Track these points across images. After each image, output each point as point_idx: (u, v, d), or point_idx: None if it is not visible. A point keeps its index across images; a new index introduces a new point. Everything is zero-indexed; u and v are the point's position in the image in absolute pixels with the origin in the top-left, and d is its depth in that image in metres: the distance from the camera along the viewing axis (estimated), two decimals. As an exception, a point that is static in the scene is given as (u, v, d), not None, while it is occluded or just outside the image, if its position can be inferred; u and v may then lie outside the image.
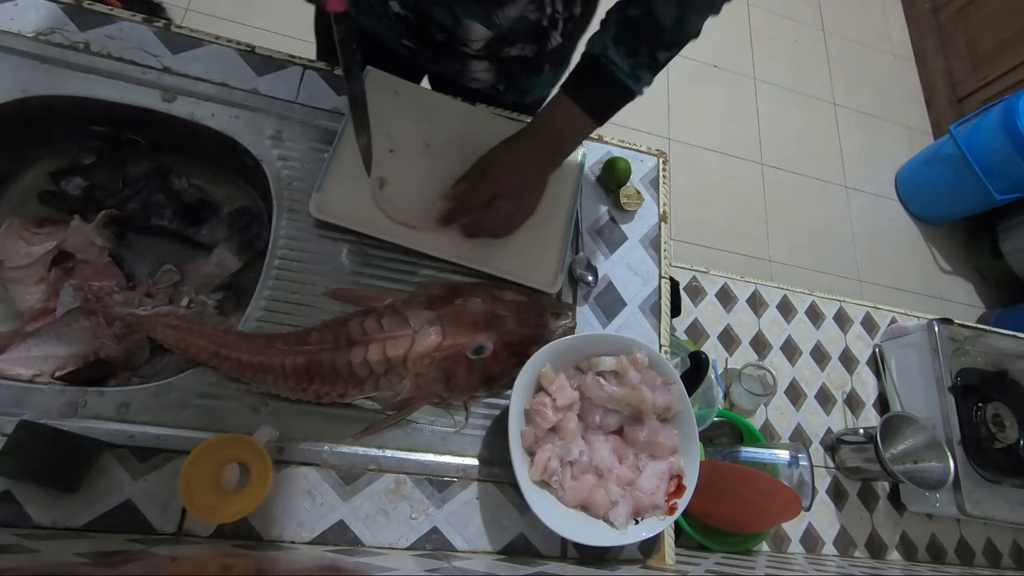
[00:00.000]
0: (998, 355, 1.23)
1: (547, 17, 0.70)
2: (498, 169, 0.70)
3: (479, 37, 0.72)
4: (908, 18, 2.92)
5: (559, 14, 0.70)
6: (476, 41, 0.73)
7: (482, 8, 0.67)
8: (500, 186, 0.70)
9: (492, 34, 0.72)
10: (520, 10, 0.67)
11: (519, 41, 0.74)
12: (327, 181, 0.71)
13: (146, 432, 0.58)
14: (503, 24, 0.69)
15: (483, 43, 0.74)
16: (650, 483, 0.66)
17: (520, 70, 0.82)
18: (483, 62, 0.78)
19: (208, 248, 0.76)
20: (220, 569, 0.51)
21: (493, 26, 0.70)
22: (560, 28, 0.74)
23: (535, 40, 0.75)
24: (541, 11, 0.69)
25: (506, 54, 0.76)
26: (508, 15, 0.68)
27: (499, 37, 0.73)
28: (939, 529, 1.17)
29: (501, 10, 0.67)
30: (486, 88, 0.85)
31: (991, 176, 2.05)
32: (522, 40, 0.74)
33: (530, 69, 0.82)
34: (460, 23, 0.71)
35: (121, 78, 0.71)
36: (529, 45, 0.75)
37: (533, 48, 0.76)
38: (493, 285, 0.73)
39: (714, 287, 1.25)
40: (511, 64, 0.79)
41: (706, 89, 2.39)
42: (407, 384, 0.64)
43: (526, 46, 0.75)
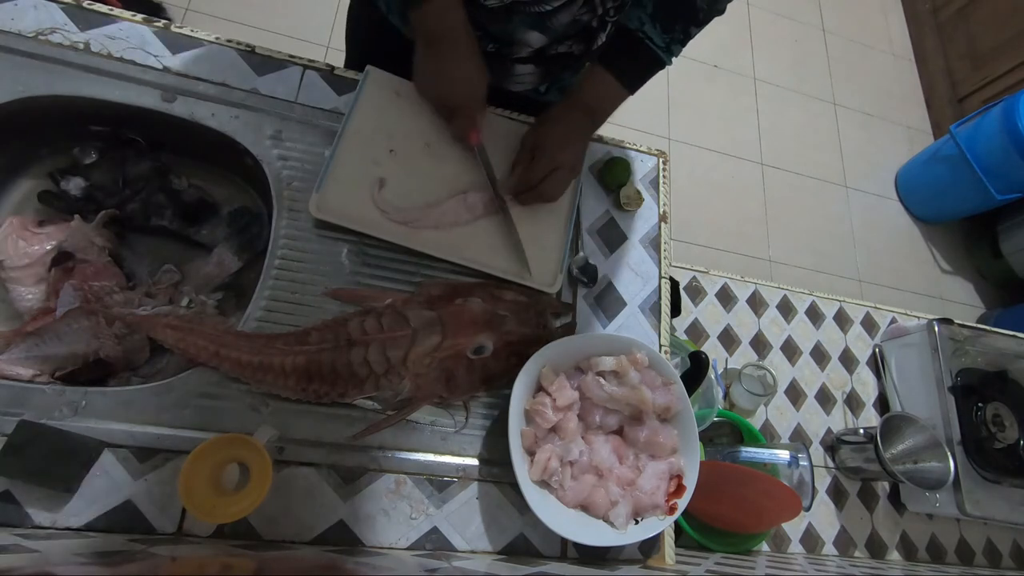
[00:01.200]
0: (998, 355, 1.23)
1: (597, 18, 0.72)
2: (549, 146, 0.74)
3: (533, 43, 0.75)
4: (908, 18, 2.92)
5: (609, 17, 0.73)
6: (528, 47, 0.75)
7: (539, 16, 0.69)
8: (557, 160, 0.74)
9: (546, 39, 0.74)
10: (572, 15, 0.69)
11: (568, 39, 0.76)
12: (327, 181, 0.71)
13: (146, 432, 0.58)
14: (556, 28, 0.71)
15: (534, 48, 0.76)
16: (650, 483, 0.66)
17: (564, 69, 0.83)
18: (528, 65, 0.80)
19: (208, 248, 0.76)
20: (220, 569, 0.51)
21: (547, 31, 0.72)
22: (607, 29, 0.76)
23: (583, 40, 0.77)
24: (592, 12, 0.71)
25: (554, 51, 0.78)
26: (561, 20, 0.70)
27: (550, 40, 0.75)
28: (939, 529, 1.17)
29: (555, 16, 0.69)
30: (527, 90, 0.86)
31: (991, 176, 2.05)
32: (571, 39, 0.76)
33: (573, 67, 0.84)
34: (515, 33, 0.72)
35: (121, 78, 0.71)
36: (577, 44, 0.77)
37: (580, 47, 0.78)
38: (493, 285, 0.73)
39: (714, 287, 1.25)
40: (556, 63, 0.81)
41: (706, 89, 2.39)
42: (407, 384, 0.64)
43: (574, 44, 0.77)
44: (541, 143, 0.75)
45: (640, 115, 2.21)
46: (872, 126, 2.59)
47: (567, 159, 0.74)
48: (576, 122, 0.76)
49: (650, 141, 0.94)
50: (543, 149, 0.74)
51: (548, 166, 0.73)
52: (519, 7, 0.67)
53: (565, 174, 0.75)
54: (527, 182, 0.75)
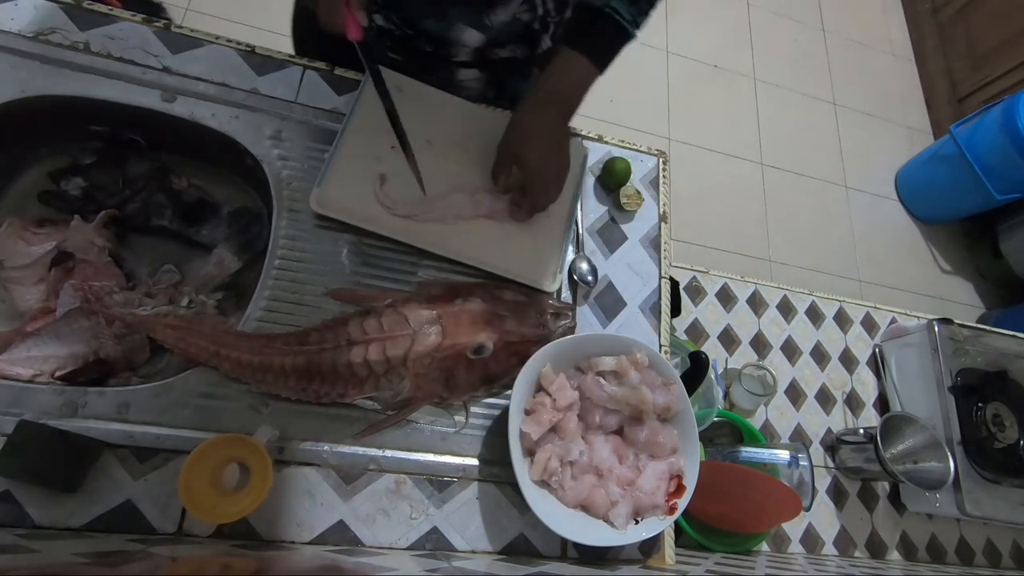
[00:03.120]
0: (998, 355, 1.23)
1: (539, 19, 0.71)
2: (534, 163, 0.70)
3: (470, 43, 0.73)
4: (908, 18, 2.92)
5: (551, 17, 0.71)
6: (466, 47, 0.74)
7: (474, 11, 0.67)
8: (545, 176, 0.71)
9: (484, 38, 0.72)
10: (512, 13, 0.68)
11: (510, 43, 0.74)
12: (328, 176, 0.71)
13: (146, 432, 0.58)
14: (495, 27, 0.70)
15: (473, 49, 0.74)
16: (650, 483, 0.66)
17: (509, 75, 0.82)
18: (472, 70, 0.79)
19: (208, 248, 0.76)
20: (220, 569, 0.51)
21: (485, 29, 0.70)
22: (551, 31, 0.75)
23: (526, 43, 0.75)
24: (533, 12, 0.69)
25: (496, 56, 0.76)
26: (499, 18, 0.68)
27: (490, 41, 0.73)
28: (939, 529, 1.17)
29: (493, 12, 0.68)
30: (475, 97, 0.84)
31: (991, 176, 2.05)
32: (513, 42, 0.74)
33: (519, 73, 0.82)
34: (451, 30, 0.71)
35: (121, 78, 0.71)
36: (520, 47, 0.76)
37: (524, 51, 0.76)
38: (493, 285, 0.73)
39: (714, 287, 1.25)
40: (500, 68, 0.79)
41: (706, 89, 2.39)
42: (407, 384, 0.64)
43: (517, 48, 0.75)
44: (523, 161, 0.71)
45: (640, 115, 2.21)
46: (872, 126, 2.59)
47: (556, 168, 0.72)
48: (554, 124, 0.72)
49: (650, 141, 0.94)
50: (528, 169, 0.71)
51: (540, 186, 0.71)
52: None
53: (558, 183, 0.73)
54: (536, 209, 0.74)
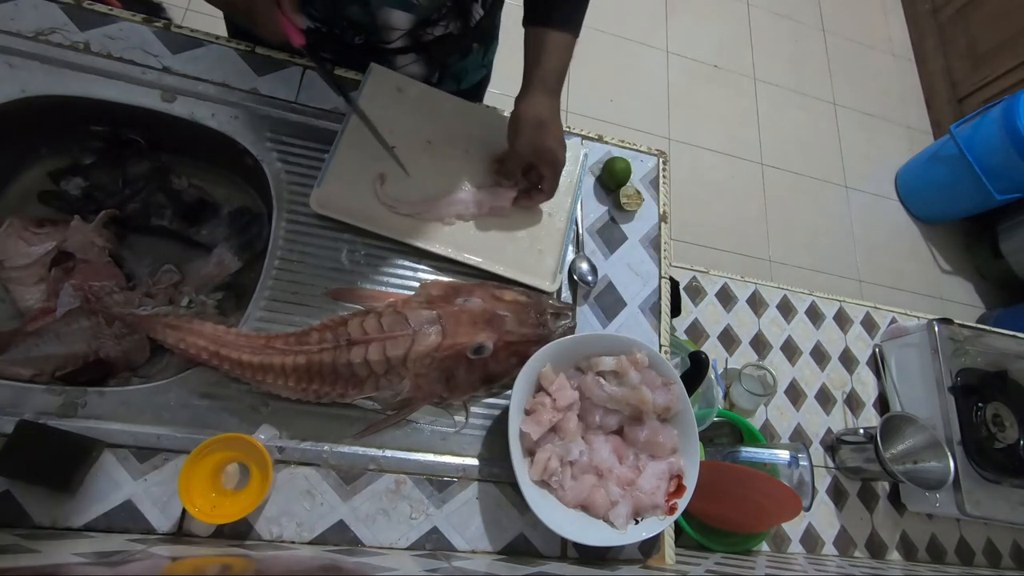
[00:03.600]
0: (998, 355, 1.22)
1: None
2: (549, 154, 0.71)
3: (400, 25, 0.72)
4: (908, 18, 2.92)
5: None
6: (397, 30, 0.72)
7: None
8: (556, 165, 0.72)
9: (413, 17, 0.71)
10: None
11: (441, 20, 0.74)
12: (328, 176, 0.71)
13: (146, 432, 0.58)
14: (422, 3, 0.68)
15: (404, 31, 0.73)
16: (650, 483, 0.66)
17: (448, 52, 0.81)
18: (409, 55, 0.77)
19: (208, 248, 0.76)
20: (220, 569, 0.51)
21: (411, 8, 0.69)
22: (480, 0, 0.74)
23: (457, 16, 0.74)
24: None
25: (430, 36, 0.75)
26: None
27: (420, 20, 0.72)
28: (939, 529, 1.17)
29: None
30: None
31: (991, 176, 2.05)
32: (444, 18, 0.74)
33: (458, 49, 0.81)
34: (377, 16, 0.70)
35: (121, 78, 0.71)
36: (453, 21, 0.75)
37: (457, 24, 0.75)
38: (493, 285, 0.73)
39: (714, 287, 1.25)
40: (438, 48, 0.78)
41: (706, 89, 2.39)
42: (407, 384, 0.64)
43: (449, 23, 0.75)
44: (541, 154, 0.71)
45: (640, 115, 2.21)
46: (872, 126, 2.59)
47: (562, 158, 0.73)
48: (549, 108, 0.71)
49: (650, 141, 0.94)
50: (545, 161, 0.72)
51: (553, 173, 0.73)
52: None
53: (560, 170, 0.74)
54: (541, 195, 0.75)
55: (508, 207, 0.76)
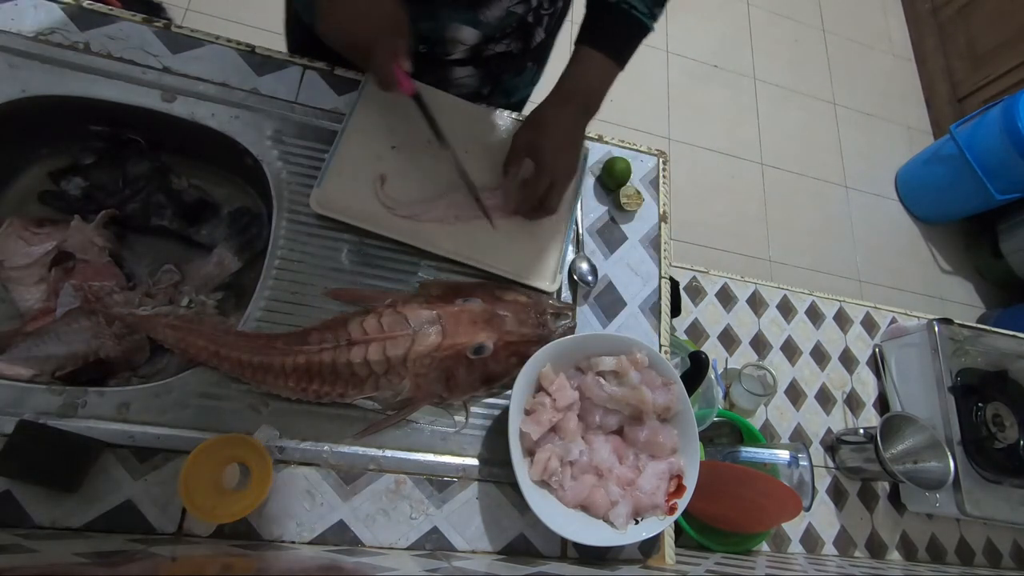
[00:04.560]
0: (998, 355, 1.23)
1: (532, 12, 0.71)
2: (547, 156, 0.70)
3: (466, 40, 0.72)
4: (908, 18, 2.92)
5: (544, 9, 0.71)
6: (462, 45, 0.73)
7: (467, 9, 0.67)
8: (555, 172, 0.71)
9: (480, 34, 0.71)
10: (505, 7, 0.68)
11: (504, 38, 0.74)
12: (328, 176, 0.71)
13: (146, 432, 0.58)
14: (489, 22, 0.69)
15: (469, 46, 0.74)
16: (650, 483, 0.66)
17: (504, 70, 0.82)
18: (467, 67, 0.78)
19: (208, 248, 0.76)
20: (220, 569, 0.51)
21: (480, 25, 0.70)
22: (544, 24, 0.75)
23: (520, 36, 0.75)
24: (527, 4, 0.69)
25: (491, 52, 0.76)
26: (493, 13, 0.68)
27: (485, 37, 0.73)
28: (939, 529, 1.17)
29: (487, 8, 0.67)
30: (469, 94, 0.84)
31: (991, 176, 2.05)
32: (507, 37, 0.74)
33: (513, 67, 0.82)
34: (446, 29, 0.70)
35: (121, 78, 0.71)
36: (514, 41, 0.75)
37: (519, 44, 0.76)
38: (493, 285, 0.73)
39: (714, 287, 1.25)
40: (495, 64, 0.79)
41: (706, 89, 2.39)
42: (407, 384, 0.64)
43: (512, 42, 0.75)
44: (536, 151, 0.71)
45: (640, 115, 2.21)
46: (872, 126, 2.59)
47: (565, 168, 0.72)
48: (570, 121, 0.72)
49: (650, 141, 0.94)
50: (539, 159, 0.70)
51: (548, 178, 0.71)
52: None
53: (565, 184, 0.73)
54: (531, 201, 0.73)
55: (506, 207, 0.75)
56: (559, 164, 0.71)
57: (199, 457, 0.55)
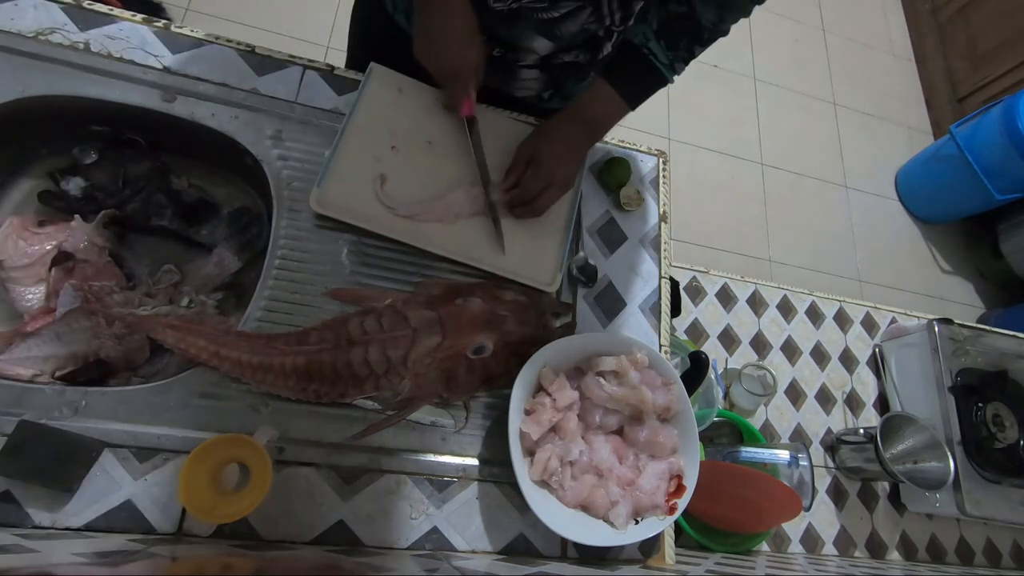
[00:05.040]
0: (998, 355, 1.22)
1: (604, 28, 0.72)
2: (546, 161, 0.74)
3: (539, 50, 0.75)
4: (908, 18, 2.92)
5: (615, 26, 0.72)
6: (534, 54, 0.76)
7: (546, 23, 0.69)
8: (551, 177, 0.74)
9: (553, 46, 0.74)
10: (581, 23, 0.69)
11: (574, 49, 0.76)
12: (328, 176, 0.71)
13: (146, 432, 0.58)
14: (564, 36, 0.71)
15: (540, 55, 0.76)
16: (650, 483, 0.66)
17: (568, 77, 0.83)
18: (533, 71, 0.80)
19: (208, 248, 0.76)
20: (220, 569, 0.51)
21: (555, 38, 0.72)
22: (613, 39, 0.76)
23: (589, 49, 0.77)
24: (600, 22, 0.70)
25: (560, 60, 0.78)
26: (568, 28, 0.70)
27: (557, 48, 0.75)
28: (939, 529, 1.17)
29: (562, 24, 0.69)
30: (532, 96, 0.86)
31: (991, 176, 2.05)
32: (577, 48, 0.76)
33: (577, 75, 0.84)
34: (521, 38, 0.72)
35: (121, 78, 0.71)
36: (583, 53, 0.77)
37: (587, 56, 0.78)
38: (493, 285, 0.73)
39: (714, 287, 1.25)
40: (560, 71, 0.81)
41: (706, 89, 2.39)
42: (407, 384, 0.64)
43: (580, 53, 0.77)
44: (538, 157, 0.74)
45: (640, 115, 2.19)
46: (872, 126, 2.59)
47: (562, 176, 0.74)
48: (575, 137, 0.76)
49: (650, 141, 0.95)
50: (539, 163, 0.74)
51: (543, 182, 0.73)
52: (525, 12, 0.67)
53: (557, 191, 0.75)
54: (522, 197, 0.74)
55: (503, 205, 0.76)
56: (557, 171, 0.74)
57: (199, 457, 0.55)
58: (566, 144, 0.75)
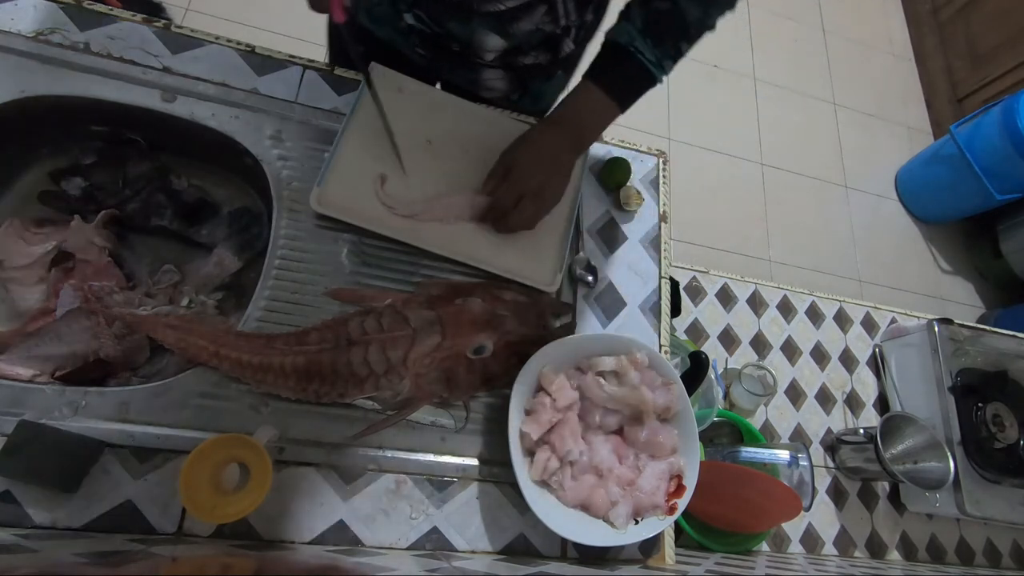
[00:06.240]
0: (998, 355, 1.22)
1: (560, 27, 0.71)
2: (521, 170, 0.70)
3: (494, 48, 0.73)
4: (908, 18, 2.92)
5: (572, 23, 0.71)
6: (491, 52, 0.74)
7: (497, 20, 0.68)
8: (524, 187, 0.69)
9: (507, 44, 0.72)
10: (535, 23, 0.68)
11: (533, 50, 0.75)
12: (328, 176, 0.71)
13: (146, 432, 0.58)
14: (517, 35, 0.70)
15: (497, 53, 0.75)
16: (650, 483, 0.66)
17: (533, 77, 0.82)
18: (497, 71, 0.79)
19: (208, 248, 0.76)
20: (220, 569, 0.51)
21: (508, 37, 0.70)
22: (573, 35, 0.75)
23: (548, 48, 0.75)
24: (555, 23, 0.69)
25: (520, 63, 0.76)
26: (522, 28, 0.69)
27: (513, 47, 0.74)
28: (939, 529, 1.17)
29: (516, 23, 0.68)
30: (499, 97, 0.85)
31: (991, 176, 2.05)
32: (535, 49, 0.75)
33: (543, 74, 0.82)
34: (475, 35, 0.71)
35: (121, 78, 0.71)
36: (543, 53, 0.76)
37: (547, 56, 0.77)
38: (493, 285, 0.73)
39: (714, 287, 1.25)
40: (525, 72, 0.80)
41: (706, 89, 2.39)
42: (407, 384, 0.64)
43: (540, 54, 0.76)
44: (514, 165, 0.70)
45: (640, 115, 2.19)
46: (872, 126, 2.59)
47: (534, 187, 0.69)
48: (556, 144, 0.70)
49: (650, 141, 0.94)
50: (512, 173, 0.70)
51: (515, 192, 0.69)
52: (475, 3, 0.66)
53: (529, 205, 0.70)
54: (494, 208, 0.71)
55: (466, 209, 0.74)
56: (530, 182, 0.69)
57: (199, 457, 0.55)
58: (545, 152, 0.70)
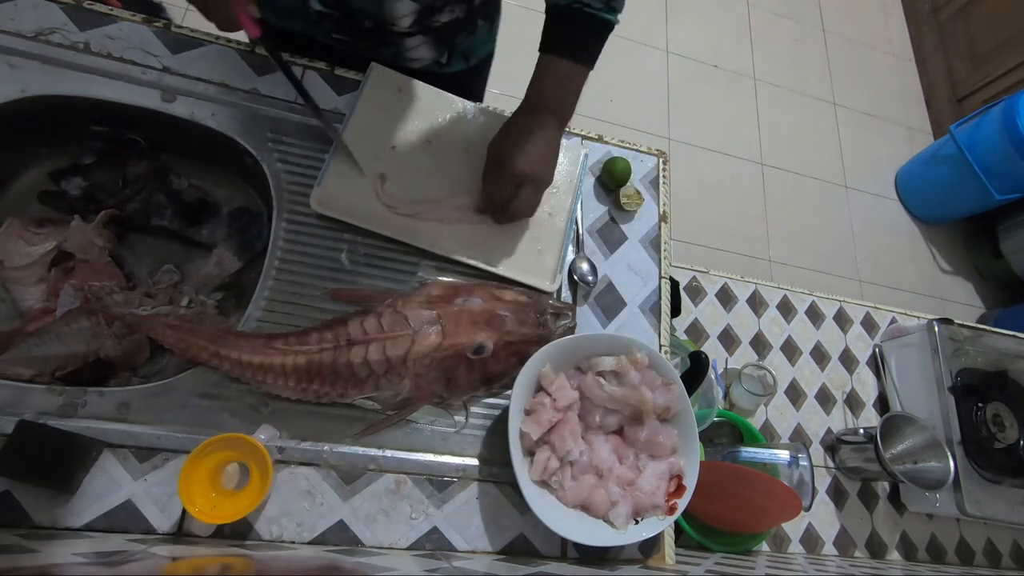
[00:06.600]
0: (998, 355, 1.22)
1: None
2: (512, 160, 0.69)
3: (406, 12, 0.72)
4: (908, 18, 2.92)
5: None
6: (405, 17, 0.73)
7: None
8: (520, 177, 0.70)
9: (418, 6, 0.71)
10: None
11: (446, 6, 0.74)
12: (328, 176, 0.71)
13: (146, 432, 0.58)
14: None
15: (412, 18, 0.74)
16: (650, 483, 0.66)
17: (456, 34, 0.81)
18: (417, 37, 0.78)
19: (208, 248, 0.76)
20: (220, 569, 0.51)
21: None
22: None
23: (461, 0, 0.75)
24: None
25: (437, 22, 0.75)
26: None
27: (427, 8, 0.73)
28: (939, 529, 1.17)
29: None
30: (429, 65, 0.83)
31: (991, 176, 2.05)
32: (448, 4, 0.74)
33: (464, 30, 0.81)
34: (383, 6, 0.70)
35: (121, 78, 0.71)
36: (457, 5, 0.75)
37: (462, 7, 0.76)
38: (493, 285, 0.73)
39: (714, 287, 1.25)
40: (445, 31, 0.79)
41: (706, 89, 2.39)
42: (407, 384, 0.64)
43: (455, 7, 0.75)
44: (503, 157, 0.70)
45: (640, 115, 2.21)
46: (872, 126, 2.59)
47: (529, 174, 0.70)
48: (537, 125, 0.70)
49: (650, 141, 0.94)
50: (504, 164, 0.70)
51: (512, 183, 0.70)
52: None
53: (529, 192, 0.70)
54: (494, 203, 0.72)
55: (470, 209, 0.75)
56: (523, 169, 0.69)
57: (199, 457, 0.55)
58: (529, 136, 0.70)
